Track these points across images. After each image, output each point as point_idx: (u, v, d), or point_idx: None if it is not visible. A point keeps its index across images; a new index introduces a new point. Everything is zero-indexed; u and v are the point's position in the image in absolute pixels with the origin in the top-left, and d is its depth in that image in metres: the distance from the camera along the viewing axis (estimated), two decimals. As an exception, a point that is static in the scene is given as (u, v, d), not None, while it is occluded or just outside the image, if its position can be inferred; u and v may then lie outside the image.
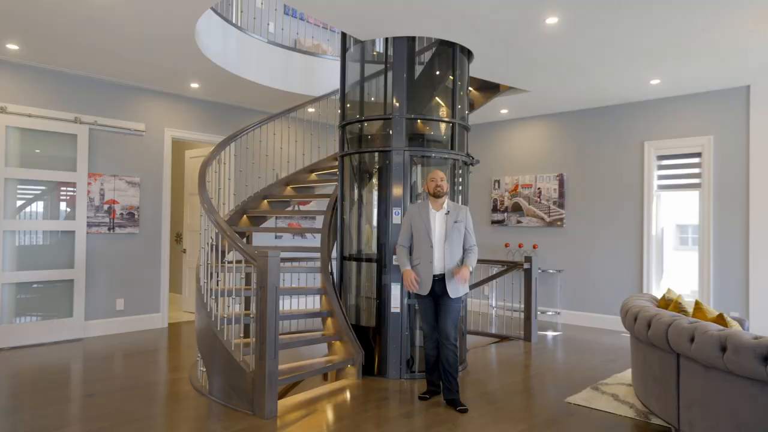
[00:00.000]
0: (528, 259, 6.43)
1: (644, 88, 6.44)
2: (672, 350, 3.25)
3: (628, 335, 6.71)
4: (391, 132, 4.86)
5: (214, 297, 4.38)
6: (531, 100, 7.17)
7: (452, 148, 5.02)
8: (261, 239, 7.59)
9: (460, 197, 5.14)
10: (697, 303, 3.53)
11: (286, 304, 7.75)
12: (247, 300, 5.59)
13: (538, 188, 8.01)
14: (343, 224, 5.23)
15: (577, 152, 7.65)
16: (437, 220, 4.14)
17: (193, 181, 7.50)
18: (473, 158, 5.32)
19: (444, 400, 4.05)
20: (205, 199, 4.52)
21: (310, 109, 7.69)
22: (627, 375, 4.83)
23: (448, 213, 4.14)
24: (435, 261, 4.07)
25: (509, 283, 7.94)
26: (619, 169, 7.23)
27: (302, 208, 8.25)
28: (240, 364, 3.88)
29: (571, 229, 7.67)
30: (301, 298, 7.99)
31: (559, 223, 7.77)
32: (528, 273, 6.46)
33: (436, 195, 4.16)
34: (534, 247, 7.92)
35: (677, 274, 7.22)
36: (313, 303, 7.95)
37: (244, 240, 6.27)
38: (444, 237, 4.09)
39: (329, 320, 5.00)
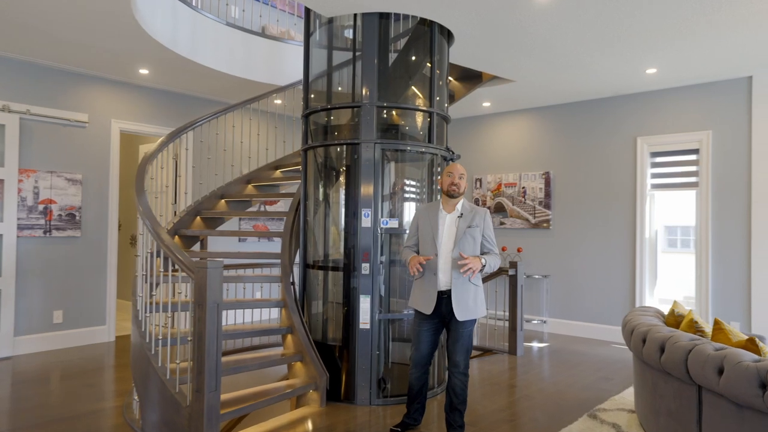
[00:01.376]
0: (513, 265, 5.88)
1: (639, 77, 5.92)
2: (692, 381, 2.70)
3: (621, 346, 6.21)
4: (360, 122, 4.25)
5: (151, 312, 3.73)
6: (516, 91, 6.62)
7: (430, 142, 4.43)
8: (222, 244, 6.92)
9: (439, 197, 4.56)
10: (717, 323, 2.99)
11: (241, 318, 7.09)
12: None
13: (523, 187, 7.47)
14: (306, 227, 4.61)
15: (565, 149, 7.13)
16: (447, 223, 3.45)
17: (150, 178, 6.79)
18: (453, 153, 4.74)
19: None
20: (141, 201, 3.85)
21: (277, 101, 7.05)
22: (626, 398, 4.29)
23: (461, 216, 3.45)
24: (440, 273, 3.38)
25: (492, 289, 7.39)
26: (609, 167, 6.72)
27: (269, 208, 7.61)
28: (175, 397, 3.24)
29: (558, 231, 7.15)
30: (262, 311, 7.34)
31: (545, 224, 7.24)
32: (513, 280, 5.91)
33: (450, 194, 3.47)
34: (518, 250, 7.38)
35: (669, 278, 6.73)
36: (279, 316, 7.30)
37: (198, 245, 5.61)
38: (453, 244, 3.39)
39: (289, 337, 4.38)
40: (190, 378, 3.17)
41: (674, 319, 3.48)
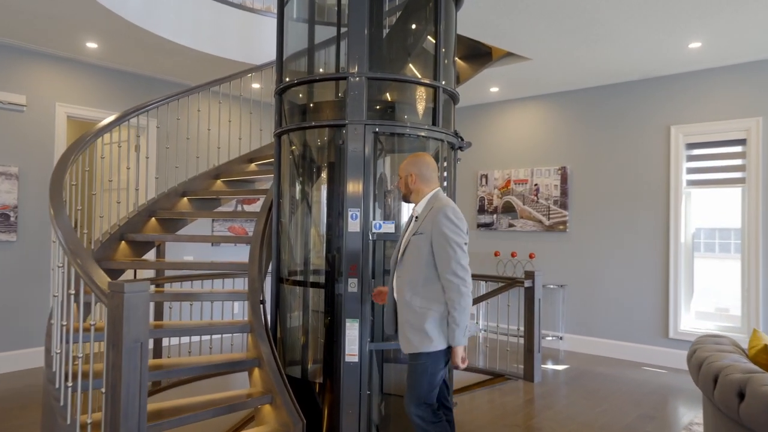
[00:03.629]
0: (529, 275, 4.99)
1: (680, 54, 5.04)
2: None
3: (654, 369, 5.28)
4: (346, 99, 3.33)
5: (67, 344, 2.80)
6: (530, 73, 5.73)
7: (434, 124, 3.52)
8: (192, 250, 5.99)
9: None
10: None
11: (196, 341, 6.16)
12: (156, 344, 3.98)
13: (536, 185, 6.59)
14: (279, 232, 3.69)
15: (585, 141, 6.24)
16: (409, 231, 2.74)
17: (85, 170, 5.82)
18: (463, 140, 3.83)
19: None
20: (55, 201, 2.93)
21: (255, 85, 6.13)
22: (683, 448, 3.40)
23: (416, 220, 2.71)
24: (391, 293, 2.76)
25: (504, 302, 6.49)
26: (637, 161, 5.83)
27: (247, 208, 6.70)
28: (84, 471, 2.32)
29: (576, 234, 6.26)
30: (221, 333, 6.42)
31: (561, 226, 6.35)
32: (529, 292, 5.01)
33: (405, 200, 2.84)
34: (530, 256, 6.49)
35: (702, 287, 5.84)
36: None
37: (154, 252, 4.69)
38: (399, 258, 2.71)
39: (257, 372, 3.46)
40: (104, 444, 2.26)
41: (766, 357, 2.59)
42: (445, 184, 3.69)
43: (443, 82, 3.54)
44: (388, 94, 3.57)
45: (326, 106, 3.54)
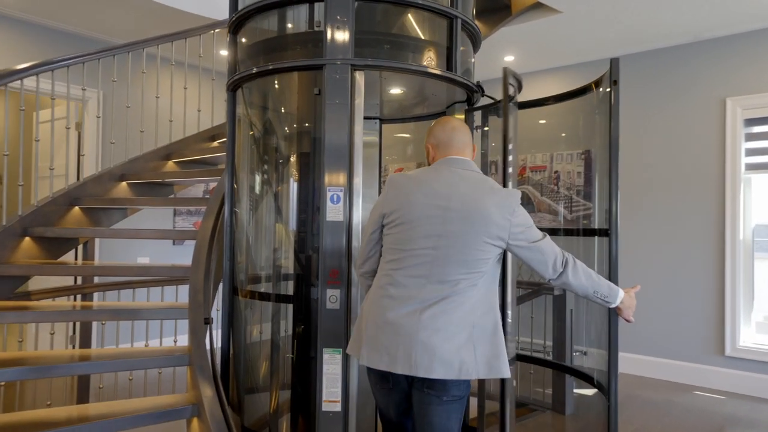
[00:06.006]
0: (559, 280, 3.98)
1: (748, 5, 4.04)
2: None
3: (707, 395, 4.25)
4: (325, 30, 2.30)
5: None
6: (555, 35, 4.73)
7: (450, 68, 2.51)
8: (146, 251, 4.92)
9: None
10: None
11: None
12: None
13: (556, 172, 5.61)
14: (233, 226, 2.66)
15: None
16: None
17: (46, 158, 4.71)
18: (483, 92, 2.83)
19: None
20: None
21: (222, 52, 5.08)
22: None
23: None
24: None
25: (525, 314, 5.47)
26: (683, 142, 4.85)
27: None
28: None
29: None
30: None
31: (586, 221, 5.36)
32: (560, 302, 4.03)
33: None
34: (550, 256, 5.49)
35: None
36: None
37: (80, 249, 3.64)
38: None
39: (196, 424, 2.42)
40: None
41: None
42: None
43: (461, 11, 2.53)
44: (383, 27, 2.55)
45: (297, 43, 2.51)
